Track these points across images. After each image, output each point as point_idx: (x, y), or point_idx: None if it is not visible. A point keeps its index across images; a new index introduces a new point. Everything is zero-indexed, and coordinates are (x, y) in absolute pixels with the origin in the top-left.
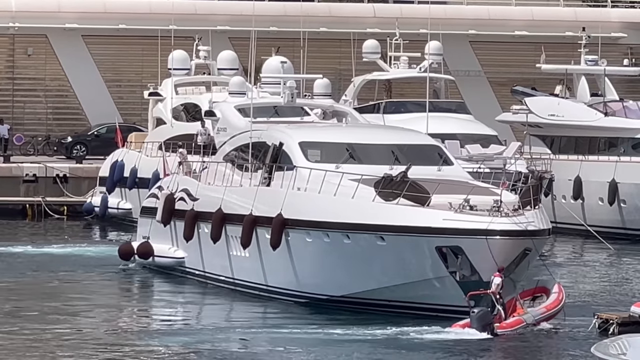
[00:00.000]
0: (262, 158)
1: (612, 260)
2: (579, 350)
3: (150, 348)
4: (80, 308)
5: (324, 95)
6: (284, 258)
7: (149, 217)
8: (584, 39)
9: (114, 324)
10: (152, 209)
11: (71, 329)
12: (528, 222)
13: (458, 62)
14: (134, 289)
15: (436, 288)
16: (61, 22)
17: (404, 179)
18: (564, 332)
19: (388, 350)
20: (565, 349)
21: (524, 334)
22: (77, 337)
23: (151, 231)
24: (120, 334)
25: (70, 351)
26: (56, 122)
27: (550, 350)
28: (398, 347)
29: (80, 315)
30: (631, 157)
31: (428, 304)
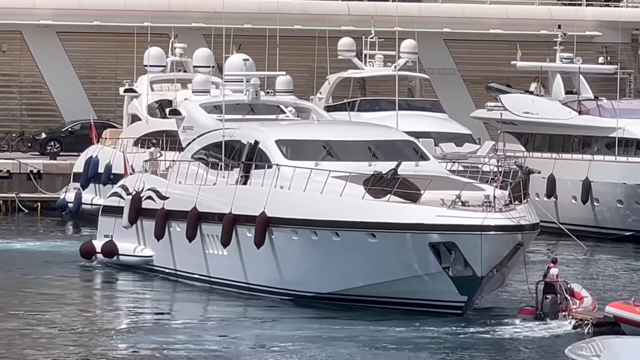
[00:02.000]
0: (237, 156)
1: (586, 260)
2: (553, 351)
3: (126, 348)
4: (47, 305)
5: (286, 92)
6: (267, 256)
7: (111, 216)
8: (559, 37)
9: (86, 323)
10: (115, 208)
11: (45, 326)
12: (520, 216)
13: (433, 60)
14: (101, 287)
15: (429, 284)
16: (36, 18)
17: (395, 176)
18: (539, 332)
19: (378, 347)
20: (539, 349)
21: (501, 333)
22: (53, 334)
23: (115, 230)
24: (94, 333)
25: (40, 349)
26: (30, 118)
27: (525, 350)
28: (389, 343)
29: (48, 312)
30: (605, 156)
31: (420, 300)
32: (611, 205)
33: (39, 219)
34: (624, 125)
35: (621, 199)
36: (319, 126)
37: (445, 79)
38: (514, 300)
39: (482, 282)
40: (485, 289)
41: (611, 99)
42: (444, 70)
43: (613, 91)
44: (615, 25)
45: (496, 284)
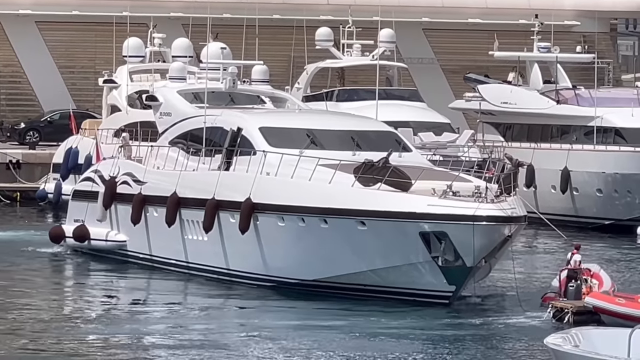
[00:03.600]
0: (218, 143)
1: (565, 249)
2: (533, 339)
3: (102, 338)
4: (18, 295)
5: (262, 82)
6: (251, 242)
7: (83, 200)
8: (536, 26)
9: (61, 312)
10: (87, 193)
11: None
12: (511, 208)
13: (411, 49)
14: (75, 273)
15: (417, 273)
16: (15, 8)
17: (386, 164)
18: (519, 320)
19: (363, 336)
20: (520, 338)
21: (485, 322)
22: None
23: (87, 215)
24: (68, 323)
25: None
26: (9, 108)
27: (506, 338)
28: (375, 332)
29: (19, 301)
30: (583, 145)
31: (408, 289)
32: (590, 195)
33: (18, 209)
34: (602, 114)
35: (600, 187)
36: (301, 115)
37: (424, 68)
38: (499, 290)
39: (471, 272)
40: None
41: (589, 88)
42: (422, 59)
43: (591, 80)
44: (593, 15)
45: (483, 275)
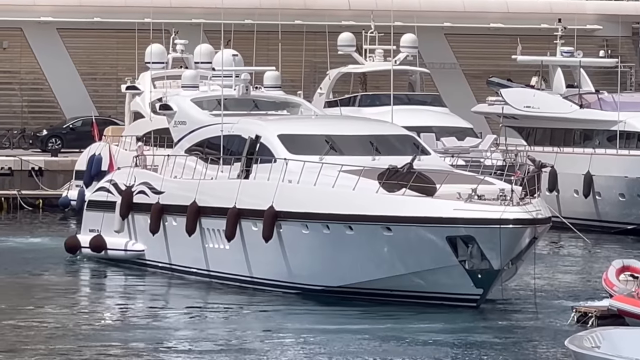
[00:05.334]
0: (236, 151)
1: (588, 253)
2: (556, 342)
3: (124, 344)
4: (35, 302)
5: (274, 87)
6: (274, 250)
7: (98, 210)
8: (559, 30)
9: (82, 319)
10: (102, 203)
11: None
12: (536, 210)
13: (433, 54)
14: (92, 282)
15: (444, 277)
16: (36, 15)
17: (410, 170)
18: (543, 325)
19: (390, 340)
20: (544, 341)
21: (510, 324)
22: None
23: (103, 224)
24: (90, 330)
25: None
26: (31, 115)
27: (531, 341)
28: (403, 336)
29: (37, 308)
30: (606, 150)
31: (435, 293)
32: (613, 199)
33: (40, 216)
34: (625, 118)
35: (623, 192)
36: (318, 121)
37: (446, 73)
38: (525, 294)
39: (498, 275)
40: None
41: (612, 92)
42: (444, 64)
43: (614, 84)
44: (615, 19)
45: (509, 276)
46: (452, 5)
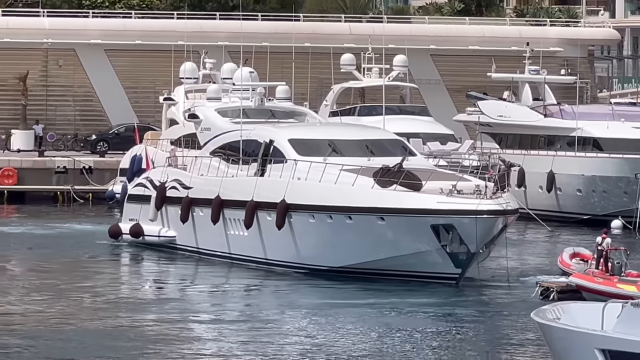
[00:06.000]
0: (253, 153)
1: (550, 239)
2: (523, 313)
3: (155, 317)
4: (81, 279)
5: (284, 99)
6: (286, 236)
7: (137, 203)
8: (527, 52)
9: (129, 293)
10: (140, 196)
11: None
12: (506, 203)
13: (421, 72)
14: (127, 263)
15: (429, 259)
16: (87, 38)
17: (400, 169)
18: (513, 298)
19: (383, 313)
20: (513, 312)
21: (484, 299)
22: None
23: (141, 214)
24: (128, 304)
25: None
26: (83, 122)
27: (502, 312)
28: (393, 309)
29: (83, 284)
30: (566, 152)
31: (421, 272)
32: (571, 194)
33: (90, 207)
34: (582, 126)
35: (580, 188)
36: (322, 127)
37: (432, 88)
38: (497, 272)
39: (474, 257)
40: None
41: (571, 104)
42: (430, 80)
43: (573, 98)
44: (574, 43)
45: (483, 258)
46: (437, 31)
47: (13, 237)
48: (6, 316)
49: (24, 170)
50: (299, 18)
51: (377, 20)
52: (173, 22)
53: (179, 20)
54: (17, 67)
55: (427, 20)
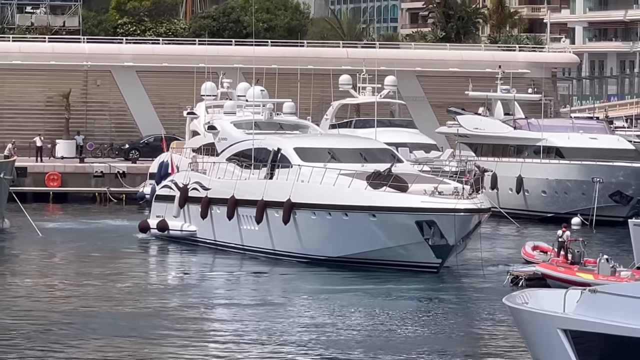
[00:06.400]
0: (264, 159)
1: (519, 233)
2: (495, 298)
3: (175, 300)
4: (114, 267)
5: (290, 114)
6: (291, 231)
7: (163, 202)
8: (499, 73)
9: (155, 280)
10: (166, 196)
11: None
12: (480, 202)
13: (408, 90)
14: (155, 254)
15: (413, 250)
16: (121, 61)
17: (389, 173)
18: (486, 285)
19: (374, 296)
20: (486, 297)
21: (461, 285)
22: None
23: (166, 212)
24: (154, 288)
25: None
26: (117, 133)
27: (476, 297)
28: (383, 293)
29: (115, 272)
30: (533, 159)
31: (407, 262)
32: (537, 195)
33: (124, 206)
34: (546, 137)
35: (545, 190)
36: (322, 138)
37: (417, 104)
38: (472, 263)
39: (452, 249)
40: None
41: (537, 118)
42: (416, 98)
43: (538, 113)
44: (540, 65)
45: (460, 250)
46: (422, 55)
47: (58, 231)
48: (51, 298)
49: (67, 175)
50: (303, 44)
51: (370, 46)
52: (195, 48)
53: (200, 46)
54: (62, 86)
55: (414, 46)
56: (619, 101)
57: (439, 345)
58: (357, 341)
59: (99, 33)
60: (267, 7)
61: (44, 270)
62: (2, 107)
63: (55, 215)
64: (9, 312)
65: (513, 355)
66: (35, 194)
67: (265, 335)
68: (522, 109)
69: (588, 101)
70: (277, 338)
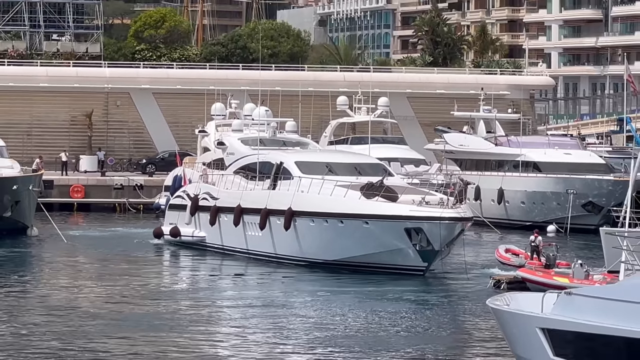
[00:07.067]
0: (267, 172)
1: (500, 240)
2: (479, 300)
3: (183, 301)
4: (130, 269)
5: (292, 132)
6: (291, 236)
7: (176, 210)
8: (482, 95)
9: (168, 281)
10: (179, 205)
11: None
12: (463, 212)
13: (399, 110)
14: (168, 258)
15: (402, 254)
16: (139, 84)
17: (381, 185)
18: (469, 288)
19: (367, 297)
20: (470, 299)
21: (446, 287)
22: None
23: (178, 219)
24: (166, 289)
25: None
26: (135, 149)
27: (461, 299)
28: (374, 294)
29: (131, 274)
30: (512, 173)
31: (396, 265)
32: (517, 205)
33: (141, 215)
34: (525, 152)
35: (523, 201)
36: (321, 153)
37: (408, 123)
38: (456, 267)
39: (438, 254)
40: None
41: (516, 135)
42: (407, 117)
43: (517, 130)
44: (519, 87)
45: (444, 255)
46: (412, 78)
47: (81, 238)
48: (75, 297)
49: (89, 187)
50: (304, 69)
51: (365, 70)
52: (206, 72)
53: (211, 70)
54: (85, 106)
55: (404, 70)
56: (591, 120)
57: (427, 342)
58: (351, 338)
59: (118, 58)
60: (272, 35)
61: (69, 273)
62: (30, 126)
63: (79, 224)
64: (38, 310)
65: (495, 352)
66: (61, 204)
67: (268, 332)
68: (502, 127)
69: (563, 120)
70: (279, 335)
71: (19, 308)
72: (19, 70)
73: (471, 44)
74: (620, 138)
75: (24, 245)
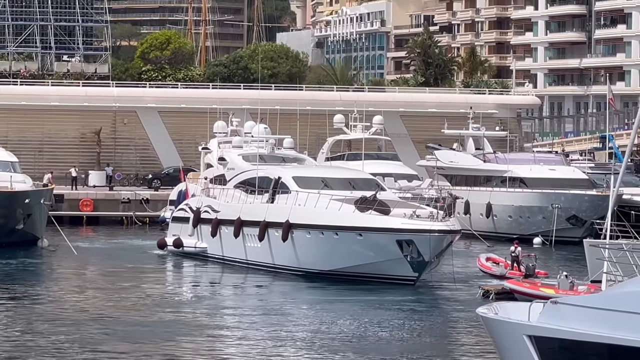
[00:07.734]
0: (266, 186)
1: (488, 252)
2: (468, 310)
3: (186, 309)
4: (134, 279)
5: (290, 149)
6: (289, 247)
7: (179, 222)
8: (471, 114)
9: (171, 291)
10: (182, 218)
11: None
12: (452, 225)
13: (393, 128)
14: (171, 268)
15: (394, 265)
16: (145, 103)
17: (374, 199)
18: (459, 297)
19: (360, 305)
20: (459, 309)
21: (437, 297)
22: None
23: (181, 231)
24: (169, 299)
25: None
26: (142, 165)
27: (450, 308)
28: (367, 302)
29: (134, 284)
30: (500, 188)
31: (388, 275)
32: (504, 219)
33: (147, 228)
34: (512, 169)
35: (510, 214)
36: (317, 168)
37: (401, 140)
38: (446, 277)
39: (428, 264)
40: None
41: (504, 152)
42: (400, 134)
43: (505, 148)
44: (506, 107)
45: (434, 266)
46: (405, 97)
47: (90, 249)
48: (84, 306)
49: (98, 201)
50: (302, 88)
51: (360, 90)
52: (208, 91)
53: (213, 89)
54: (93, 124)
55: (398, 90)
56: (575, 137)
57: (417, 349)
58: (345, 344)
59: (125, 78)
60: (271, 57)
61: (78, 282)
62: (42, 143)
63: (88, 236)
64: (49, 318)
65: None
66: (70, 217)
67: (266, 338)
68: (490, 144)
69: (548, 137)
70: (276, 342)
71: (30, 316)
72: (31, 90)
73: (461, 65)
74: (603, 155)
75: (35, 256)
